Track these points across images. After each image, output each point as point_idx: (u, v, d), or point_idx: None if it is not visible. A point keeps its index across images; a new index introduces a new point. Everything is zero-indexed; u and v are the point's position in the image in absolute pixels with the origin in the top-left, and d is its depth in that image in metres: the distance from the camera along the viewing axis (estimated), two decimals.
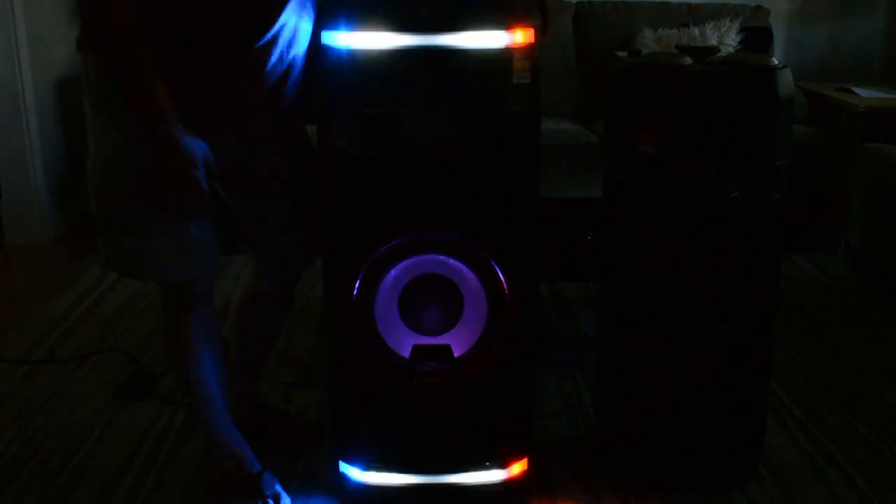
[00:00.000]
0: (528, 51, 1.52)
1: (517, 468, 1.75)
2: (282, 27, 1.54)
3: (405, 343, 1.65)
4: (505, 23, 1.50)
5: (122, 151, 1.54)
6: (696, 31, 3.67)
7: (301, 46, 1.61)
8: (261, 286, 1.85)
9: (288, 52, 1.58)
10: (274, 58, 1.55)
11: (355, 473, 1.75)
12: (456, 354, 1.65)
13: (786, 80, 1.66)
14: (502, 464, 1.74)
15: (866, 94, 3.53)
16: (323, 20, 1.53)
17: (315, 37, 1.58)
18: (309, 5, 1.60)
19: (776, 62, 1.70)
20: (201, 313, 1.70)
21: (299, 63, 1.62)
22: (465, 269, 1.63)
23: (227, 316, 1.91)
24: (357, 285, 1.61)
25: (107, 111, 1.55)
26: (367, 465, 1.73)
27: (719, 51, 1.77)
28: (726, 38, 3.63)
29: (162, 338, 1.77)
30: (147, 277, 1.70)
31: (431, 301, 1.65)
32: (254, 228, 1.77)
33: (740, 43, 3.64)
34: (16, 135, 3.34)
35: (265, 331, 1.94)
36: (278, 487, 1.77)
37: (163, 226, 1.56)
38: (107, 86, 1.53)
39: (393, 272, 1.63)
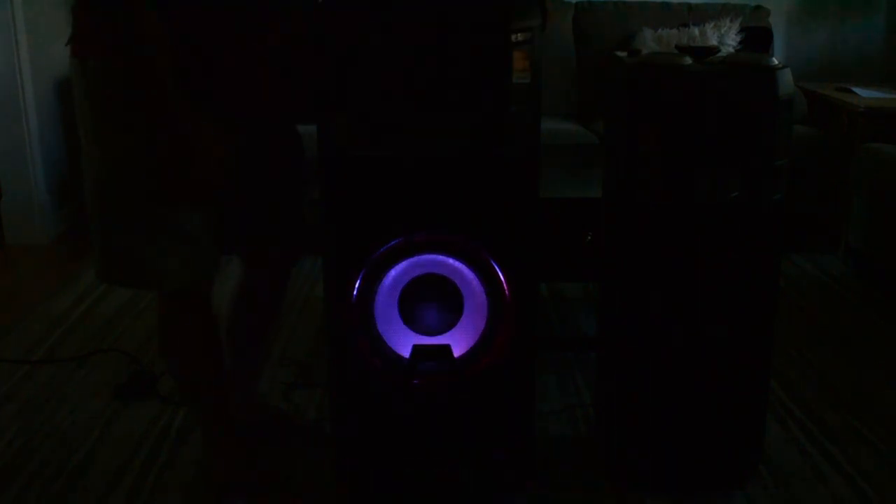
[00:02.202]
0: (528, 51, 1.52)
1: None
2: None
3: (405, 343, 1.65)
4: (504, 23, 1.50)
5: (130, 150, 1.52)
6: (696, 31, 3.67)
7: None
8: (250, 286, 1.85)
9: None
10: None
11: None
12: (456, 354, 1.65)
13: (786, 80, 1.66)
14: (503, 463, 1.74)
15: (866, 94, 3.52)
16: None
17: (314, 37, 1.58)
18: None
19: (776, 62, 1.70)
20: (199, 315, 1.70)
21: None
22: (465, 269, 1.63)
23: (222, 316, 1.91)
24: (357, 285, 1.61)
25: (110, 112, 1.54)
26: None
27: (719, 51, 1.78)
28: (726, 38, 3.63)
29: (159, 339, 1.76)
30: (145, 286, 1.68)
31: (431, 301, 1.65)
32: (242, 227, 1.77)
33: (740, 43, 3.64)
34: (16, 135, 3.34)
35: (259, 331, 1.94)
36: (278, 487, 1.77)
37: (164, 225, 1.55)
38: (111, 86, 1.53)
39: (393, 272, 1.63)
